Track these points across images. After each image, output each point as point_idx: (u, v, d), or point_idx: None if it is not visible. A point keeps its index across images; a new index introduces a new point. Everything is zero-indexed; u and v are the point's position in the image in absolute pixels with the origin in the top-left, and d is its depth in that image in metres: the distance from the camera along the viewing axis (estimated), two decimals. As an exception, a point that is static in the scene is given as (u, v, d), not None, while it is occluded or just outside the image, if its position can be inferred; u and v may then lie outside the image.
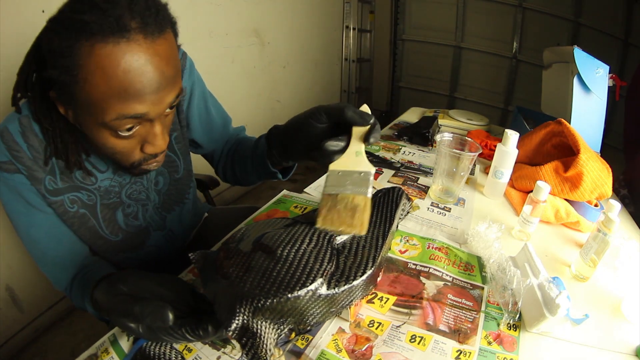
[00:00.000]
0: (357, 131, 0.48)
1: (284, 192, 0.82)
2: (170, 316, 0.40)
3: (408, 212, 0.72)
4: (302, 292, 0.39)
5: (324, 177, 0.89)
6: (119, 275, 0.49)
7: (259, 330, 0.39)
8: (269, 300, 0.38)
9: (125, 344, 0.48)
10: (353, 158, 0.47)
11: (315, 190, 0.85)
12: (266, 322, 0.40)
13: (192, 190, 0.77)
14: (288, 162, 0.61)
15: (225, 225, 0.73)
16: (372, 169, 0.46)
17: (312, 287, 0.40)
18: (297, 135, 0.53)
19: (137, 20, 0.41)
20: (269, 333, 0.40)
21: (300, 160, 0.59)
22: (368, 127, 0.47)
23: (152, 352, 0.46)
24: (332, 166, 0.48)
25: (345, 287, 0.42)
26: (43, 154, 0.52)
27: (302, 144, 0.52)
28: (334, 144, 0.47)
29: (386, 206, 0.61)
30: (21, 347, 1.28)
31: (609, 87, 0.95)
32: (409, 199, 0.67)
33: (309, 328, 0.44)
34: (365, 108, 0.49)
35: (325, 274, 0.42)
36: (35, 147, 0.51)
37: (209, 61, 1.69)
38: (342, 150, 0.47)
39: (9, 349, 1.25)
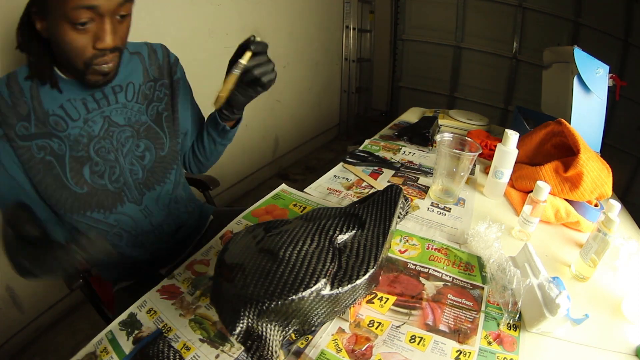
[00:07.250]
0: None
1: (283, 186, 0.81)
2: None
3: (407, 213, 0.71)
4: (306, 293, 0.39)
5: (323, 177, 0.90)
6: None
7: (264, 333, 0.39)
8: (274, 303, 0.38)
9: (124, 343, 0.48)
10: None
11: (315, 190, 0.85)
12: (271, 324, 0.39)
13: (174, 172, 0.78)
14: (234, 111, 0.74)
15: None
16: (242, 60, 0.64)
17: (316, 287, 0.40)
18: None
19: None
20: (274, 335, 0.40)
21: (239, 99, 0.70)
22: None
23: (151, 352, 0.46)
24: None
25: (349, 286, 0.42)
26: (24, 96, 0.59)
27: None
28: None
29: (385, 204, 0.60)
30: (21, 347, 1.28)
31: (609, 87, 0.95)
32: (407, 199, 0.67)
33: (313, 329, 0.44)
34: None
35: (328, 274, 0.42)
36: (15, 94, 0.59)
37: (209, 61, 1.69)
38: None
39: (9, 349, 1.25)
